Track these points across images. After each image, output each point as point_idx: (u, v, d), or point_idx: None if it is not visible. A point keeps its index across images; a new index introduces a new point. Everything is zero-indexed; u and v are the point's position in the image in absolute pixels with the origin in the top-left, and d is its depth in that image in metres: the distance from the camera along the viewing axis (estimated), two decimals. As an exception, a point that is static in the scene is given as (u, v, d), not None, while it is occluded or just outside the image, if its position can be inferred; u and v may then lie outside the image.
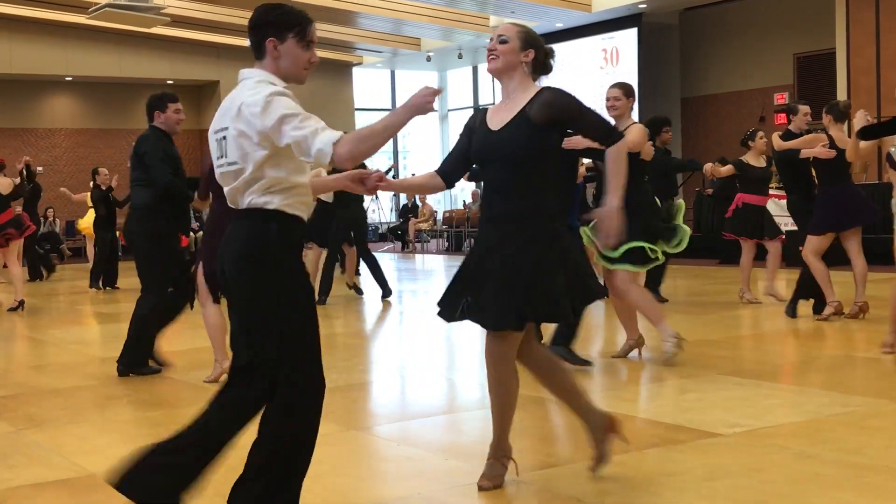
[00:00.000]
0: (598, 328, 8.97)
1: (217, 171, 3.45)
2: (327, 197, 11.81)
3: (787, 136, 8.80)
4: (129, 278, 14.57)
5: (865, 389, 5.98)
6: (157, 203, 6.97)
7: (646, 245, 6.46)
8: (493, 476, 4.10)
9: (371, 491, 4.16)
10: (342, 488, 4.19)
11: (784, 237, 10.29)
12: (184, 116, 7.37)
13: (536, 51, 4.03)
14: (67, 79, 23.33)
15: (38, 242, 21.38)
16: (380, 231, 25.92)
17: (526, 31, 4.06)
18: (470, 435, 5.20)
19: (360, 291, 12.10)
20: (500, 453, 4.17)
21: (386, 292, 11.54)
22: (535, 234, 3.88)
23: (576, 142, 5.76)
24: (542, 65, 4.10)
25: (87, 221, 17.92)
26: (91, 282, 14.87)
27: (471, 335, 9.37)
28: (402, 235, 23.40)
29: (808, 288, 8.69)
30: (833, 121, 8.37)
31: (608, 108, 6.82)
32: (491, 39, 4.06)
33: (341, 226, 11.47)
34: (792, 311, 8.77)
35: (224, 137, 3.36)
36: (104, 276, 14.86)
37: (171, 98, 7.31)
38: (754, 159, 10.03)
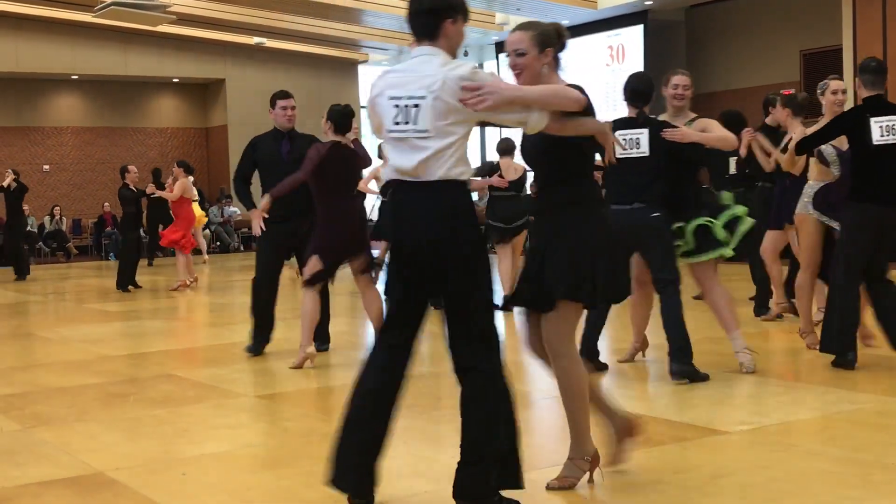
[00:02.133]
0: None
1: (392, 136, 3.65)
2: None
3: (764, 129, 8.70)
4: (148, 276, 14.66)
5: (873, 387, 5.96)
6: None
7: (708, 221, 6.28)
8: (564, 477, 4.03)
9: (378, 488, 4.15)
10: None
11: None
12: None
13: (552, 46, 4.04)
14: (74, 77, 23.35)
15: (44, 240, 21.50)
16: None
17: (538, 33, 4.03)
18: (476, 433, 5.20)
19: None
20: (577, 453, 4.07)
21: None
22: (587, 219, 3.98)
23: (683, 134, 5.86)
24: (560, 48, 4.11)
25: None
26: (120, 284, 14.13)
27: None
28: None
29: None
30: (792, 115, 8.10)
31: (677, 96, 6.49)
32: (508, 55, 4.03)
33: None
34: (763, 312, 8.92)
35: (417, 105, 3.57)
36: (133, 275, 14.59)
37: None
38: None
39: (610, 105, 20.07)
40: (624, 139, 6.11)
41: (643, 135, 6.15)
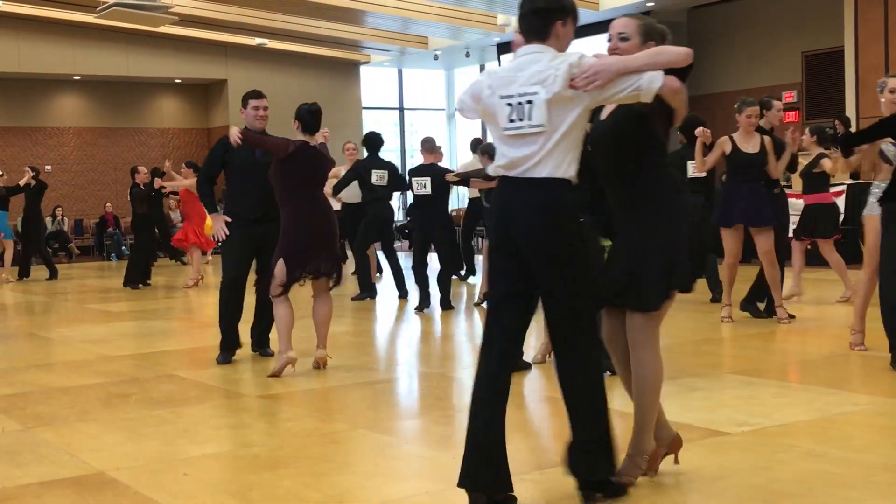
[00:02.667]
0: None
1: (507, 133, 3.74)
2: (355, 198, 11.85)
3: (759, 131, 8.76)
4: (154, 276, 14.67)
5: (874, 388, 5.96)
6: None
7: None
8: (622, 474, 3.98)
9: (378, 489, 4.16)
10: (350, 486, 4.20)
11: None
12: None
13: (655, 40, 3.99)
14: (75, 78, 23.36)
15: (46, 241, 21.48)
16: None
17: (644, 23, 4.03)
18: (477, 433, 5.20)
19: (374, 293, 12.05)
20: (637, 450, 4.06)
21: (403, 293, 11.59)
22: (666, 211, 3.93)
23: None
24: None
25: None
26: (128, 282, 14.44)
27: (475, 334, 9.37)
28: (410, 234, 23.39)
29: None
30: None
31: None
32: (610, 38, 3.98)
33: (372, 226, 11.50)
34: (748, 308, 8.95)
35: (530, 101, 3.67)
36: (142, 273, 14.75)
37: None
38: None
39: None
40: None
41: None
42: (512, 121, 3.73)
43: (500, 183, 3.84)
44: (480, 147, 10.55)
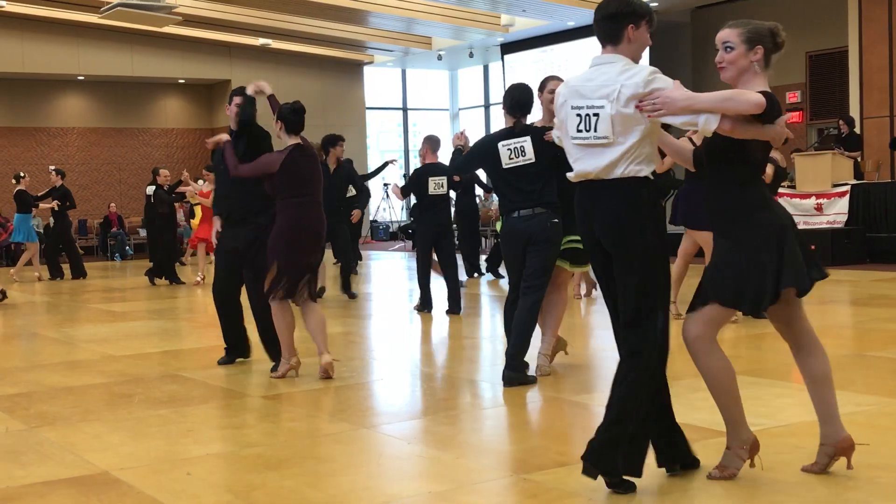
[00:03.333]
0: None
1: (574, 142, 3.94)
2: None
3: None
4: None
5: (878, 388, 5.95)
6: None
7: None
8: (724, 467, 4.08)
9: (382, 489, 4.16)
10: (353, 486, 4.20)
11: None
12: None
13: (763, 44, 4.01)
14: (79, 78, 23.39)
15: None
16: (391, 230, 25.93)
17: (748, 29, 4.00)
18: (481, 433, 5.20)
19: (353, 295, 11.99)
20: (735, 441, 4.10)
21: (455, 308, 10.33)
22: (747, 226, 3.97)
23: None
24: (774, 48, 4.09)
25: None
26: (170, 279, 15.00)
27: (483, 334, 9.36)
28: (414, 234, 23.38)
29: None
30: None
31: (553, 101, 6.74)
32: (716, 49, 4.01)
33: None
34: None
35: (596, 114, 3.84)
36: (167, 272, 15.03)
37: None
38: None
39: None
40: (509, 148, 6.22)
41: (527, 142, 6.21)
42: (580, 130, 3.91)
43: (579, 188, 4.00)
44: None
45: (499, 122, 29.95)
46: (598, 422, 4.04)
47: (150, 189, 15.62)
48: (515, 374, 6.21)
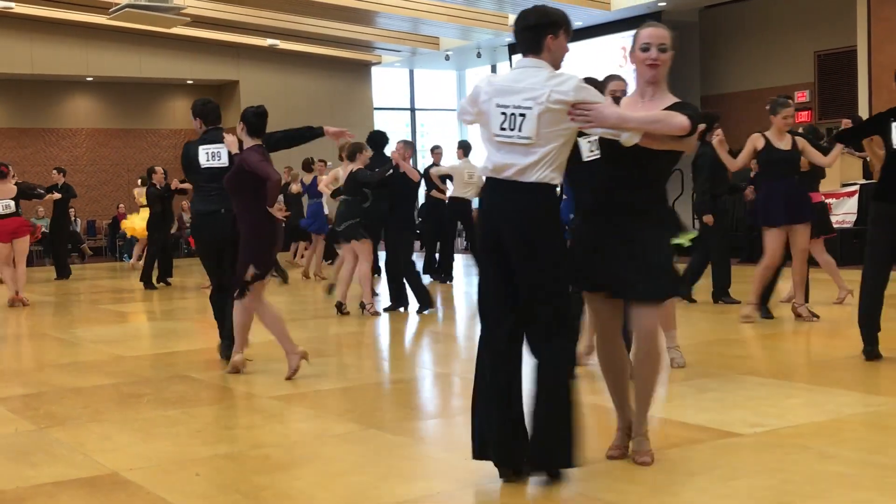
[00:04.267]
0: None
1: (497, 139, 4.02)
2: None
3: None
4: (179, 276, 14.71)
5: (887, 389, 5.94)
6: None
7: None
8: (640, 453, 4.34)
9: (391, 490, 4.16)
10: (362, 487, 4.20)
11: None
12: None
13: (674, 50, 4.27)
14: (88, 79, 23.44)
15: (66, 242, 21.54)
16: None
17: (673, 34, 4.27)
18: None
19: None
20: (642, 430, 4.38)
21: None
22: (660, 220, 4.25)
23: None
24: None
25: (131, 222, 17.96)
26: (145, 283, 14.55)
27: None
28: (419, 235, 23.35)
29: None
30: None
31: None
32: (646, 49, 4.21)
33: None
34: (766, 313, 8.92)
35: (523, 115, 3.95)
36: (159, 272, 14.92)
37: None
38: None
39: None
40: (589, 141, 6.20)
41: None
42: (503, 129, 4.00)
43: (488, 184, 4.12)
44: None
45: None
46: (605, 424, 4.04)
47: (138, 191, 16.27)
48: None
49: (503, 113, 4.00)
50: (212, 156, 7.44)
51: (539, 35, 4.05)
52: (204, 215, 7.41)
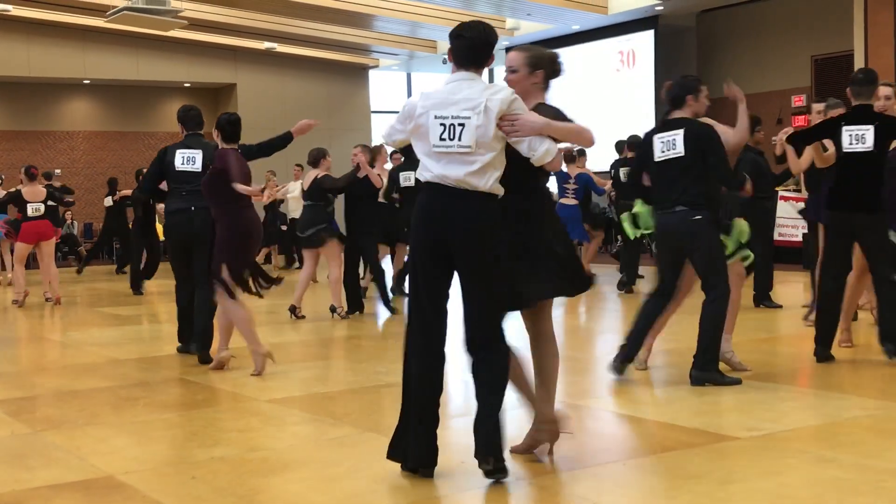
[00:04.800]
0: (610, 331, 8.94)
1: (435, 150, 4.15)
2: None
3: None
4: (163, 280, 14.69)
5: (884, 393, 5.94)
6: None
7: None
8: (540, 441, 4.53)
9: (387, 493, 4.16)
10: (358, 490, 4.20)
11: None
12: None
13: (544, 69, 4.54)
14: (85, 82, 23.43)
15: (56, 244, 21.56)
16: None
17: (531, 55, 4.55)
18: (486, 437, 5.19)
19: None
20: (547, 418, 4.54)
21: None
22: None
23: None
24: (552, 74, 4.61)
25: None
26: (134, 289, 14.45)
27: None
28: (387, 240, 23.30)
29: None
30: None
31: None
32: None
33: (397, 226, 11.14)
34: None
35: (462, 125, 4.10)
36: (143, 275, 14.80)
37: None
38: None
39: (621, 110, 20.04)
40: (662, 141, 6.26)
41: (679, 135, 6.18)
42: (443, 139, 4.13)
43: (430, 191, 4.20)
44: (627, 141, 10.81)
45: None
46: (600, 426, 4.04)
47: (109, 201, 17.03)
48: (703, 374, 6.12)
49: (442, 124, 4.12)
50: (187, 160, 7.79)
51: (489, 52, 4.31)
52: (173, 213, 7.72)
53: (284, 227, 17.87)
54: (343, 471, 4.51)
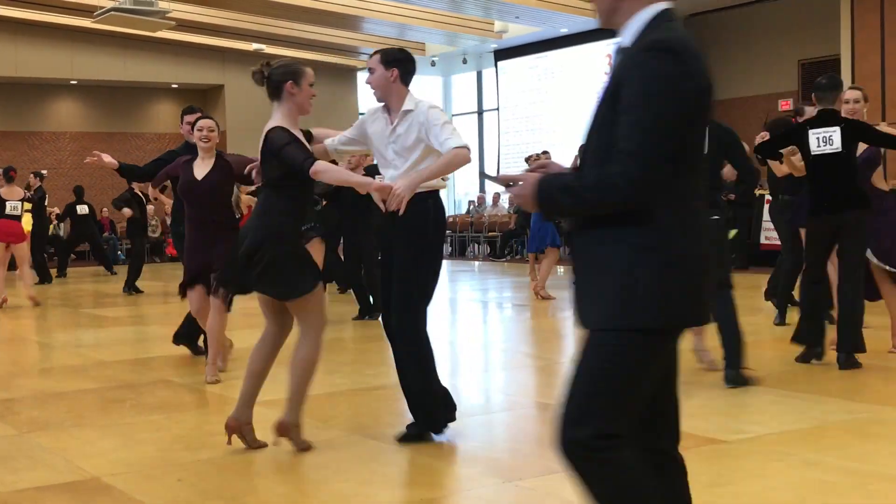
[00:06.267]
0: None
1: (386, 158, 4.95)
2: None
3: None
4: (149, 281, 14.64)
5: (870, 396, 5.97)
6: None
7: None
8: (303, 443, 4.94)
9: (374, 496, 4.16)
10: (346, 493, 4.19)
11: None
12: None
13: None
14: (73, 82, 23.35)
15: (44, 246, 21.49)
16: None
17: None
18: (475, 440, 5.19)
19: None
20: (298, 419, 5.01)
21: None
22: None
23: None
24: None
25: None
26: (130, 287, 14.42)
27: (475, 341, 9.37)
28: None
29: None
30: None
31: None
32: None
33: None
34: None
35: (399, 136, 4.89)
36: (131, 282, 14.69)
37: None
38: None
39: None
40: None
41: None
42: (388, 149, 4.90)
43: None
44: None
45: (492, 127, 29.76)
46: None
47: (84, 209, 17.63)
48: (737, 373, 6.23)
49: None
50: None
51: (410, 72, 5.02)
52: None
53: None
54: (330, 473, 4.50)
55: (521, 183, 2.54)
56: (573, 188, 2.47)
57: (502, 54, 23.45)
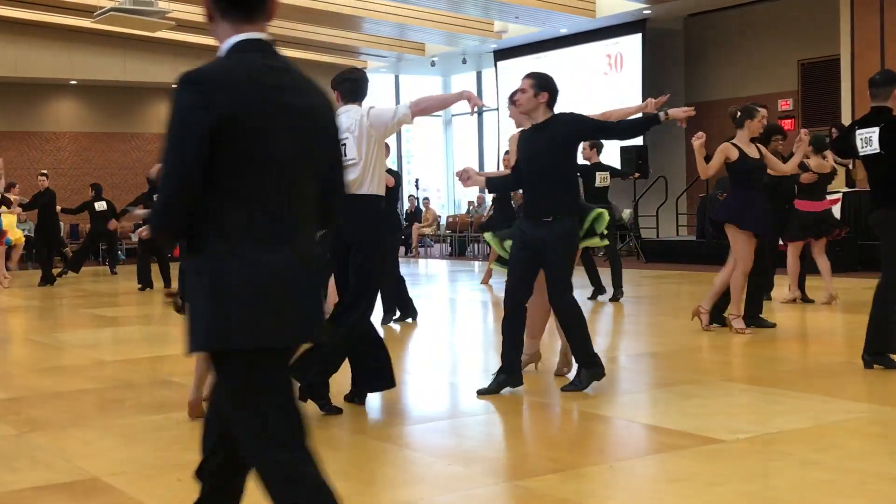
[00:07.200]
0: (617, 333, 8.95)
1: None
2: None
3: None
4: (153, 280, 14.65)
5: (869, 396, 5.97)
6: None
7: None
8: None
9: (374, 496, 4.15)
10: (345, 493, 4.17)
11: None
12: None
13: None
14: (72, 82, 23.35)
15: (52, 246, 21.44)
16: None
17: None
18: (473, 440, 5.19)
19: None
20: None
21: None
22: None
23: None
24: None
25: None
26: (143, 285, 14.59)
27: (472, 341, 9.37)
28: (406, 240, 23.41)
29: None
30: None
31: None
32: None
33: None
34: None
35: (344, 144, 5.36)
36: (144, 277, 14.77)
37: None
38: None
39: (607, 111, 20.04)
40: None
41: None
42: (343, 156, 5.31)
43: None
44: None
45: (491, 127, 29.72)
46: (587, 428, 4.05)
47: (103, 205, 17.76)
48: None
49: (343, 143, 5.31)
50: None
51: (366, 89, 5.73)
52: None
53: None
54: (332, 473, 4.47)
55: None
56: None
57: (502, 54, 23.45)
